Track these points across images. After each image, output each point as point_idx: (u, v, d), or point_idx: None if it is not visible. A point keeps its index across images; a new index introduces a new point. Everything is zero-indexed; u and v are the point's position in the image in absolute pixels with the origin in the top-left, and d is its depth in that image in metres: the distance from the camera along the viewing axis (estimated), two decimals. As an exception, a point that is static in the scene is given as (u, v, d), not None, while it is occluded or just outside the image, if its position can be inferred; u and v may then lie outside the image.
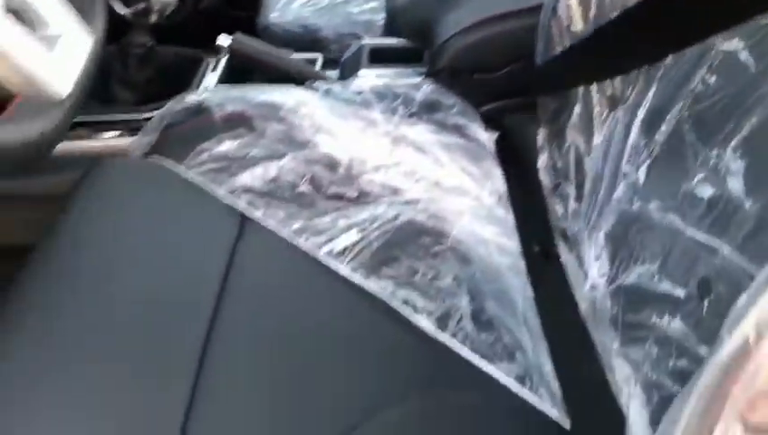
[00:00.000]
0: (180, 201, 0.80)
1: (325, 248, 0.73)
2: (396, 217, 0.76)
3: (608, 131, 0.69)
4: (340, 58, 1.12)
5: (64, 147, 0.72)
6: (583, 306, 0.69)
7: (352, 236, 0.74)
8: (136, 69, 1.09)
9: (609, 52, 0.71)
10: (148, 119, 0.91)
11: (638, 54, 0.65)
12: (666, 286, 0.55)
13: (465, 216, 0.78)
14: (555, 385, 0.63)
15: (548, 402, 0.61)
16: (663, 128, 0.59)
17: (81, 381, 0.60)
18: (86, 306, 0.67)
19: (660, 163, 0.59)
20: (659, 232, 0.57)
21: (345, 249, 0.73)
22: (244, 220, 0.77)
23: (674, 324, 0.52)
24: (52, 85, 0.61)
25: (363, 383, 0.62)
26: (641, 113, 0.63)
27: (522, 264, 0.74)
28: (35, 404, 0.59)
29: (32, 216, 0.82)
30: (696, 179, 0.53)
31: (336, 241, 0.74)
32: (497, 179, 0.85)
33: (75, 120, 0.68)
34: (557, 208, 0.81)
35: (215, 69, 1.08)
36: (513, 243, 0.76)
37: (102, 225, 0.76)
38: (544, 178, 0.87)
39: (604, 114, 0.71)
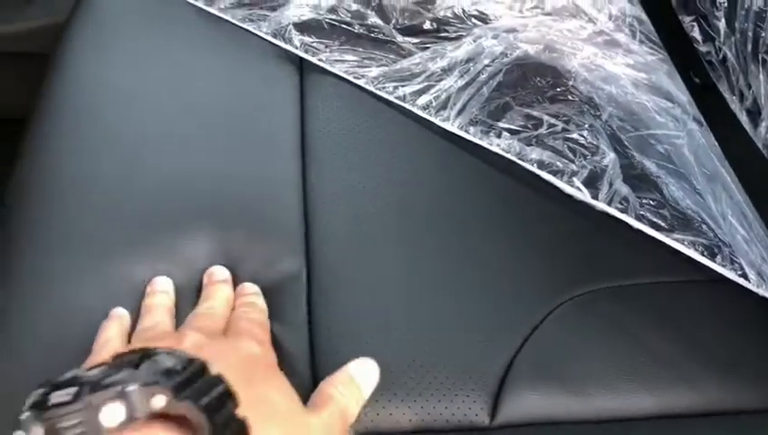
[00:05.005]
0: (209, 39, 0.59)
1: (421, 100, 0.56)
2: (504, 54, 0.59)
3: None
4: None
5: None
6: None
7: (453, 81, 0.57)
8: None
9: None
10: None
11: None
12: None
13: (584, 46, 0.61)
14: (757, 253, 0.50)
15: (753, 279, 0.48)
16: None
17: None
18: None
19: None
20: None
21: (448, 100, 0.56)
22: (302, 68, 0.58)
23: None
24: None
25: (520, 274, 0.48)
26: None
27: (664, 102, 0.59)
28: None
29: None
30: None
31: (434, 90, 0.56)
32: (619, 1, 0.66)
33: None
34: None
35: None
36: (650, 76, 0.60)
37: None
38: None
39: None
